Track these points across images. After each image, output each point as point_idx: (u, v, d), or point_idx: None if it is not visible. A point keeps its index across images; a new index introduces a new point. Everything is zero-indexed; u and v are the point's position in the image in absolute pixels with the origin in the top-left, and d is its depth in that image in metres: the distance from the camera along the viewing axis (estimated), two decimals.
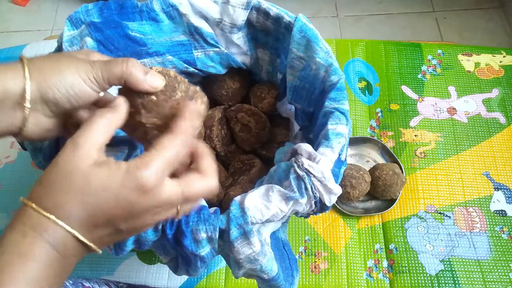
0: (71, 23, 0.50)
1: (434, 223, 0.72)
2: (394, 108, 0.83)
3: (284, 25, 0.52)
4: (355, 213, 0.72)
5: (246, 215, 0.39)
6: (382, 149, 0.78)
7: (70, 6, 1.76)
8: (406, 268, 0.68)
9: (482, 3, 1.62)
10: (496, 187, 0.75)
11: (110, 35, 0.50)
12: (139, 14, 0.53)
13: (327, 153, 0.42)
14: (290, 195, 0.40)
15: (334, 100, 0.46)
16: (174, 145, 0.31)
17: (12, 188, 0.77)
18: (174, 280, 0.68)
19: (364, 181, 0.69)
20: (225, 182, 0.61)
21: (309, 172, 0.40)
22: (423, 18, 1.61)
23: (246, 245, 0.39)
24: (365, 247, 0.71)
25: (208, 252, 0.41)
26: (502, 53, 0.89)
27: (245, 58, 0.60)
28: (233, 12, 0.54)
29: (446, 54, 0.88)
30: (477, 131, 0.80)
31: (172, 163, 0.30)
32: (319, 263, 0.69)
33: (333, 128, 0.44)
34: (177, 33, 0.56)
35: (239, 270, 0.42)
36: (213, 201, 0.55)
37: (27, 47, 0.92)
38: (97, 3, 0.52)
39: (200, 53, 0.57)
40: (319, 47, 0.49)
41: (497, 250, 0.70)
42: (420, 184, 0.75)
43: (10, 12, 1.75)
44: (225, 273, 0.68)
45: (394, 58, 0.88)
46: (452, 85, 0.85)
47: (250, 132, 0.63)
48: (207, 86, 0.66)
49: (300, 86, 0.53)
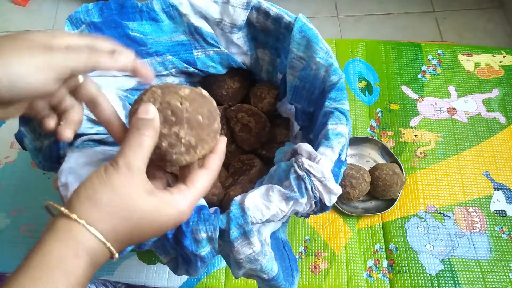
0: (71, 23, 0.50)
1: (434, 223, 0.72)
2: (394, 108, 0.83)
3: (284, 25, 0.52)
4: (355, 213, 0.72)
5: (246, 215, 0.39)
6: (382, 149, 0.78)
7: (70, 6, 1.76)
8: (406, 268, 0.68)
9: (482, 3, 1.62)
10: (496, 187, 0.75)
11: (110, 35, 0.50)
12: (139, 14, 0.53)
13: (327, 153, 0.42)
14: (290, 195, 0.40)
15: (334, 100, 0.46)
16: (209, 179, 0.35)
17: (12, 188, 0.77)
18: (174, 280, 0.68)
19: (364, 181, 0.69)
20: (225, 182, 0.61)
21: (309, 172, 0.40)
22: (423, 18, 1.61)
23: (246, 245, 0.39)
24: (365, 247, 0.71)
25: (208, 252, 0.41)
26: (502, 53, 0.89)
27: (245, 58, 0.60)
28: (233, 12, 0.54)
29: (446, 54, 0.88)
30: (477, 131, 0.80)
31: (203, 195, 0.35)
32: (319, 263, 0.69)
33: (333, 128, 0.44)
34: (177, 33, 0.56)
35: (239, 270, 0.42)
36: (213, 201, 0.55)
37: None
38: (97, 3, 0.52)
39: (200, 53, 0.57)
40: (319, 47, 0.49)
41: (497, 250, 0.70)
42: (420, 184, 0.75)
43: (10, 12, 1.75)
44: (225, 273, 0.68)
45: (394, 58, 0.88)
46: (452, 85, 0.85)
47: (250, 132, 0.63)
48: (207, 86, 0.66)
49: (300, 86, 0.53)
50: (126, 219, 0.30)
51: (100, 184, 0.30)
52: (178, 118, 0.34)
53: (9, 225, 0.73)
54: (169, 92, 0.35)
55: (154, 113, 0.33)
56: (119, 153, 0.31)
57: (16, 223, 0.73)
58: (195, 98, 0.35)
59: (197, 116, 0.34)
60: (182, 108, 0.34)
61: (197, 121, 0.34)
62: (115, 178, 0.30)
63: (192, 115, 0.34)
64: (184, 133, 0.34)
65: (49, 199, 0.84)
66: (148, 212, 0.31)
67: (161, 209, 0.31)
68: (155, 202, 0.31)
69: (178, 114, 0.34)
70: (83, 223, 0.28)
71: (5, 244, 0.71)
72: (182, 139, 0.34)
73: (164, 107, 0.34)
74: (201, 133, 0.35)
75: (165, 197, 0.32)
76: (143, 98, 0.35)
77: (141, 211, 0.30)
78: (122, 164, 0.30)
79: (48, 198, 0.83)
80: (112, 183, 0.30)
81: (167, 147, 0.34)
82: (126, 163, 0.30)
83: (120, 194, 0.30)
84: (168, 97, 0.34)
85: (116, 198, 0.30)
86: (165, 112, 0.33)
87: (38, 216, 0.74)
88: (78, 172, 0.42)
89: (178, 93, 0.35)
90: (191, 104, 0.34)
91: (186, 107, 0.34)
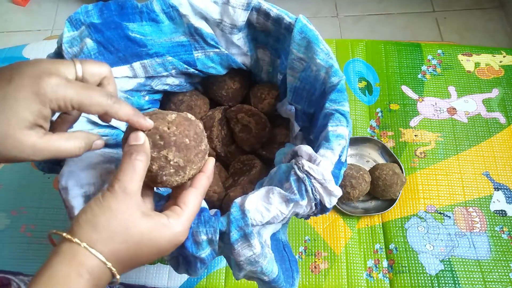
0: (70, 24, 0.50)
1: (434, 223, 0.72)
2: (394, 108, 0.83)
3: (285, 26, 0.52)
4: (355, 213, 0.72)
5: (246, 217, 0.39)
6: (382, 149, 0.78)
7: (70, 6, 1.76)
8: (406, 268, 0.68)
9: (482, 3, 1.62)
10: (496, 187, 0.75)
11: (110, 36, 0.50)
12: (139, 15, 0.53)
13: (328, 155, 0.42)
14: (290, 197, 0.40)
15: (334, 101, 0.46)
16: (199, 199, 0.37)
17: (12, 188, 0.77)
18: (174, 280, 0.68)
19: (364, 181, 0.69)
20: (225, 183, 0.61)
21: (310, 174, 0.40)
22: (423, 18, 1.61)
23: (247, 247, 0.39)
24: (365, 247, 0.71)
25: (208, 254, 0.41)
26: (502, 53, 0.89)
27: (245, 58, 0.60)
28: (233, 13, 0.54)
29: (446, 54, 0.88)
30: (477, 131, 0.81)
31: (196, 214, 0.37)
32: (319, 263, 0.69)
33: (334, 130, 0.44)
34: (177, 34, 0.56)
35: (239, 272, 0.42)
36: (214, 199, 0.55)
37: (27, 47, 0.92)
38: (97, 4, 0.52)
39: (200, 53, 0.57)
40: (319, 49, 0.49)
41: (497, 250, 0.70)
42: (420, 184, 0.75)
43: (10, 12, 1.75)
44: (225, 273, 0.68)
45: (394, 58, 0.88)
46: (452, 85, 0.85)
47: (250, 133, 0.63)
48: (207, 87, 0.66)
49: (301, 87, 0.53)
50: (125, 241, 0.32)
51: (98, 209, 0.32)
52: (166, 142, 0.36)
53: (9, 225, 0.73)
54: (156, 118, 0.37)
55: (143, 139, 0.35)
56: (115, 178, 0.33)
57: (16, 223, 0.73)
58: (181, 122, 0.37)
59: (184, 139, 0.37)
60: (170, 132, 0.36)
61: (184, 143, 0.37)
62: (112, 202, 0.32)
63: (179, 138, 0.36)
64: (172, 156, 0.36)
65: (49, 199, 0.83)
66: (146, 234, 0.33)
67: (157, 230, 0.33)
68: (151, 224, 0.33)
69: (166, 138, 0.36)
70: (84, 245, 0.30)
71: (5, 244, 0.72)
72: (171, 161, 0.36)
73: (153, 132, 0.36)
74: (188, 154, 0.37)
75: (161, 219, 0.34)
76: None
77: (138, 233, 0.32)
78: (118, 188, 0.32)
79: (48, 198, 0.83)
80: (110, 206, 0.32)
81: (157, 170, 0.36)
82: (122, 187, 0.32)
83: (118, 217, 0.32)
84: (156, 123, 0.36)
85: (114, 221, 0.31)
86: (153, 137, 0.36)
87: (38, 216, 0.74)
88: (78, 175, 0.42)
89: (165, 119, 0.37)
90: (178, 128, 0.37)
91: (173, 131, 0.36)
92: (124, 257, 0.32)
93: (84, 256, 0.30)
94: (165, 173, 0.36)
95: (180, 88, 0.61)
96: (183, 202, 0.36)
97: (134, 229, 0.32)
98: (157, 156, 0.36)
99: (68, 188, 0.41)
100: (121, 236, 0.31)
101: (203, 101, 0.64)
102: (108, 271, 0.31)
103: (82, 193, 0.42)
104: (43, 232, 0.72)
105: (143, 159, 0.34)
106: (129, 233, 0.32)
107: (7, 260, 0.70)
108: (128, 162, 0.33)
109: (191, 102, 0.63)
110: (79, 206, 0.41)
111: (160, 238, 0.33)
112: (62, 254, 0.30)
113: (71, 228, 0.31)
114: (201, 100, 0.64)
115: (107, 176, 0.42)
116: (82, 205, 0.41)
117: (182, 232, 0.35)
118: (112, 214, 0.31)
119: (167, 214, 0.35)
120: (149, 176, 0.36)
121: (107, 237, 0.31)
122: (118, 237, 0.31)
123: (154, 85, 0.57)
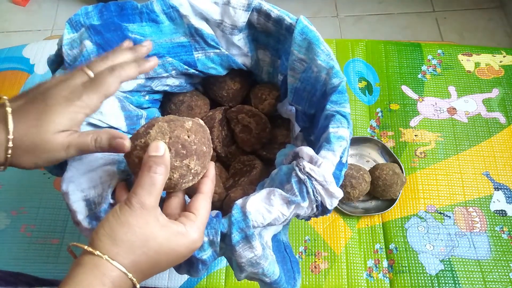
0: (71, 26, 0.50)
1: (434, 223, 0.72)
2: (394, 108, 0.83)
3: (285, 27, 0.52)
4: (355, 213, 0.72)
5: (247, 219, 0.39)
6: (382, 149, 0.78)
7: (70, 6, 1.76)
8: (406, 268, 0.68)
9: (482, 3, 1.62)
10: (496, 187, 0.75)
11: (110, 38, 0.50)
12: (139, 16, 0.53)
13: (329, 157, 0.42)
14: (291, 198, 0.40)
15: (335, 103, 0.46)
16: (208, 203, 0.38)
17: (12, 188, 0.77)
18: (174, 280, 0.68)
19: (364, 181, 0.69)
20: (225, 183, 0.61)
21: (311, 176, 0.40)
22: (423, 18, 1.61)
23: (248, 248, 0.39)
24: (365, 247, 0.71)
25: (210, 255, 0.41)
26: (502, 53, 0.89)
27: (246, 59, 0.60)
28: (233, 14, 0.54)
29: (446, 54, 0.88)
30: (477, 131, 0.81)
31: (208, 218, 0.38)
32: (319, 263, 0.69)
33: (335, 132, 0.44)
34: (178, 35, 0.56)
35: (241, 273, 0.42)
36: (214, 200, 0.55)
37: (27, 47, 0.92)
38: (97, 5, 0.52)
39: (200, 54, 0.57)
40: (320, 50, 0.49)
41: (497, 250, 0.70)
42: (420, 184, 0.75)
43: (10, 12, 1.75)
44: (225, 273, 0.69)
45: (394, 58, 0.88)
46: (452, 85, 0.85)
47: (251, 133, 0.63)
48: (207, 87, 0.66)
49: (301, 88, 0.53)
50: (145, 253, 0.33)
51: (116, 223, 0.32)
52: (188, 151, 0.36)
53: (9, 225, 0.73)
54: (175, 126, 0.37)
55: (163, 149, 0.35)
56: (133, 192, 0.33)
57: (16, 223, 0.73)
58: (198, 130, 0.38)
59: (202, 147, 0.37)
60: (190, 141, 0.36)
61: (202, 151, 0.37)
62: (130, 217, 0.32)
63: (198, 146, 0.37)
64: (194, 164, 0.37)
65: (49, 199, 0.83)
66: (164, 244, 0.33)
67: (175, 240, 0.34)
68: (169, 234, 0.34)
69: (187, 147, 0.36)
70: (106, 258, 0.31)
71: (5, 244, 0.71)
72: (192, 170, 0.37)
73: (174, 141, 0.36)
74: (204, 161, 0.38)
75: (178, 229, 0.35)
76: (150, 132, 0.36)
77: (157, 245, 0.33)
78: (136, 204, 0.33)
79: (48, 198, 0.83)
80: (128, 221, 0.32)
81: (178, 178, 0.36)
82: (140, 202, 0.33)
83: (137, 232, 0.32)
84: (176, 131, 0.36)
85: (133, 236, 0.32)
86: (176, 146, 0.36)
87: (38, 216, 0.74)
88: (78, 180, 0.43)
89: (184, 126, 0.37)
90: (196, 136, 0.37)
91: (193, 139, 0.37)
92: (143, 267, 0.33)
93: (105, 267, 0.31)
94: (185, 181, 0.37)
95: (180, 89, 0.61)
96: (195, 208, 0.37)
97: (153, 242, 0.33)
98: (179, 165, 0.36)
99: (69, 193, 0.41)
100: (140, 248, 0.32)
101: (203, 101, 0.64)
102: (129, 281, 0.32)
103: (83, 197, 0.42)
104: (43, 232, 0.72)
105: (163, 172, 0.34)
106: (149, 245, 0.33)
107: (7, 260, 0.70)
108: (146, 176, 0.33)
109: (192, 102, 0.63)
110: (81, 210, 0.41)
111: (179, 246, 0.34)
112: (85, 265, 0.31)
113: (91, 240, 0.32)
114: (202, 101, 0.64)
115: (108, 178, 0.42)
116: (83, 209, 0.41)
117: (199, 238, 0.36)
118: (130, 228, 0.32)
119: (183, 221, 0.35)
120: (167, 184, 0.36)
121: (127, 250, 0.32)
122: (138, 250, 0.32)
123: (154, 86, 0.57)
